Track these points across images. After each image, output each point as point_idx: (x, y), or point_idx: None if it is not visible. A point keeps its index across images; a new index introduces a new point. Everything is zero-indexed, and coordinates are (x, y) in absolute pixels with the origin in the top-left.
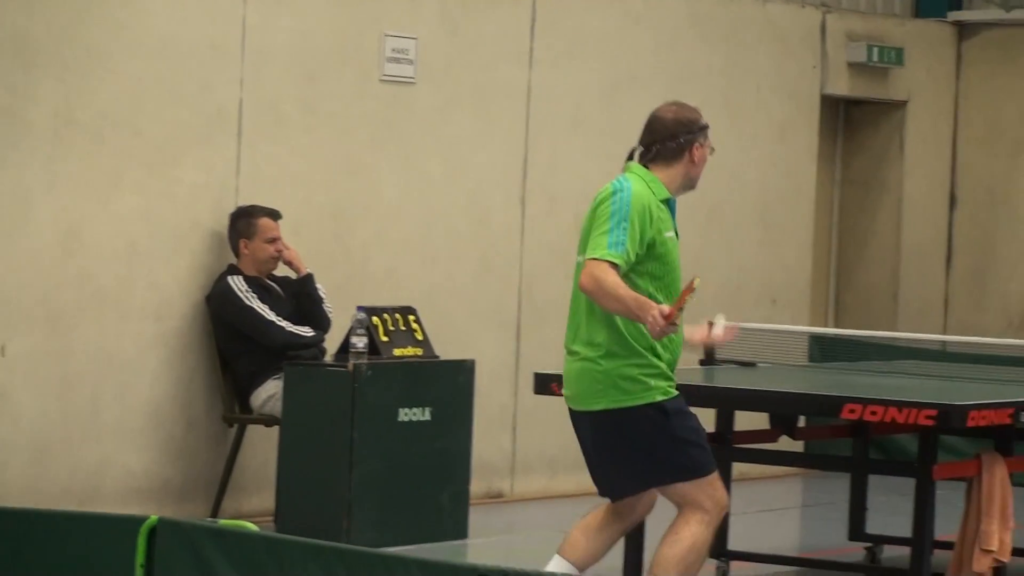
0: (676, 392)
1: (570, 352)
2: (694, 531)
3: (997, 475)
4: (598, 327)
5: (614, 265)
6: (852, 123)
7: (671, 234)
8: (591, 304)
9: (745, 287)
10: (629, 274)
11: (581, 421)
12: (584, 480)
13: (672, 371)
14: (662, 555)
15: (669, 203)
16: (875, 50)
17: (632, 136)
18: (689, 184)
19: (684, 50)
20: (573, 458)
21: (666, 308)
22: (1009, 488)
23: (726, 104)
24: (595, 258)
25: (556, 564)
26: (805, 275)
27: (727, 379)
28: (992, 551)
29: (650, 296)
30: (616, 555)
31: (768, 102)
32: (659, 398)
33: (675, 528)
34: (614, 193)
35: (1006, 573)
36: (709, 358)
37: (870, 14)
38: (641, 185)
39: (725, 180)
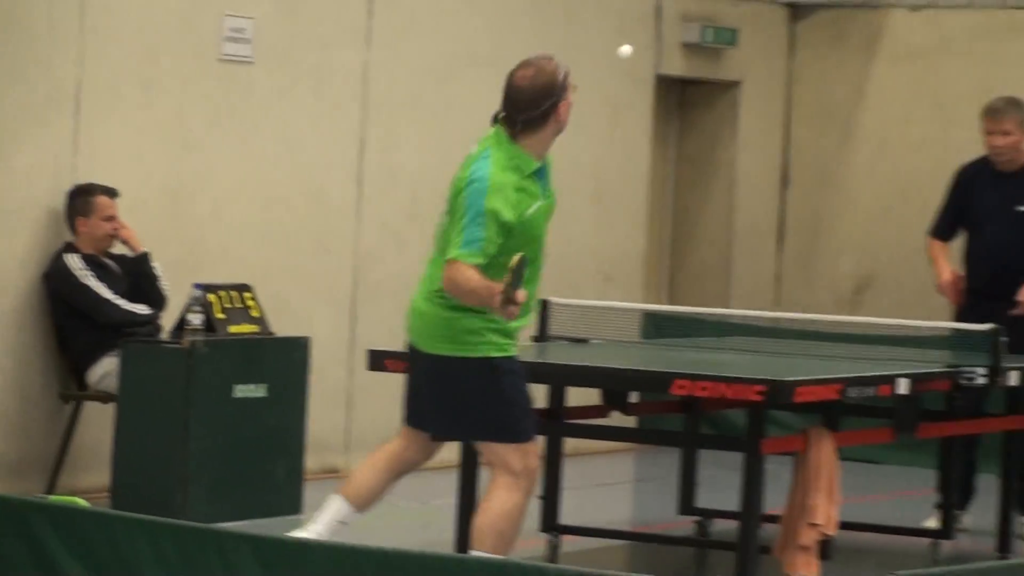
0: (514, 352)
1: (422, 294)
2: (504, 498)
3: (824, 450)
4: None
5: (471, 262)
6: (686, 103)
7: (536, 207)
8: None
9: (579, 264)
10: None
11: (418, 357)
12: None
13: (514, 334)
14: (476, 526)
15: (539, 171)
16: (709, 31)
17: (469, 115)
18: (558, 134)
19: (520, 30)
20: None
21: (496, 288)
22: (836, 463)
23: None
24: (451, 259)
25: (333, 504)
26: (639, 252)
27: (559, 355)
28: (819, 524)
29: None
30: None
31: (603, 82)
32: (494, 353)
33: (487, 497)
34: (470, 183)
35: (832, 546)
36: (542, 335)
37: None
38: (500, 168)
39: (559, 158)
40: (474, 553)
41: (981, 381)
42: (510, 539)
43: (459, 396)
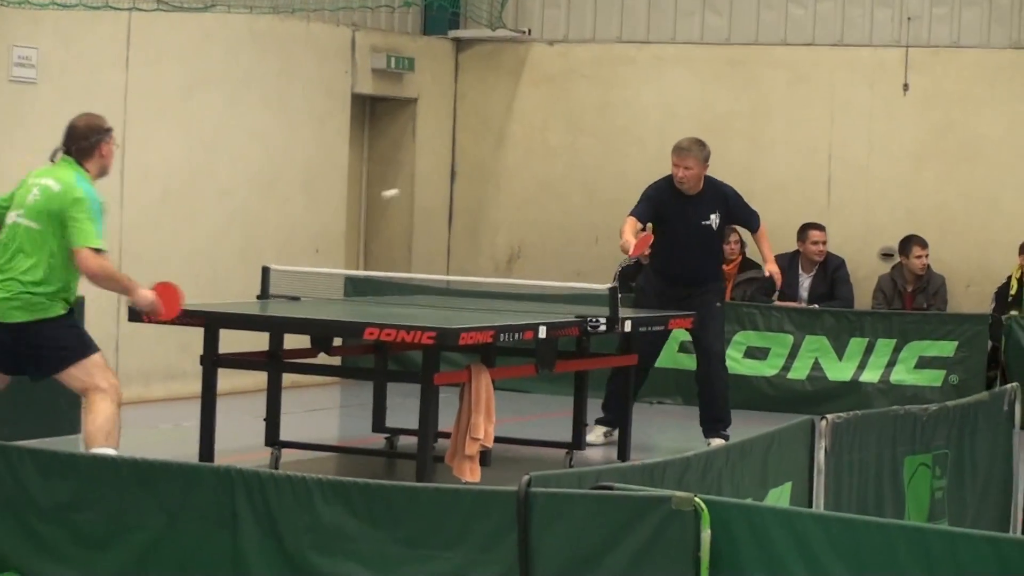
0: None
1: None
2: (101, 407)
3: (483, 381)
4: (35, 268)
5: (102, 251)
6: (376, 115)
7: None
8: (26, 248)
9: (294, 240)
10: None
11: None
12: (172, 388)
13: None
14: (87, 433)
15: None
16: (392, 59)
17: (206, 124)
18: (103, 172)
19: (246, 58)
20: (164, 371)
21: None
22: (492, 391)
23: (279, 100)
24: (96, 248)
25: None
26: (340, 230)
27: (278, 309)
28: (479, 439)
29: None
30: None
31: (311, 99)
32: (60, 312)
33: (87, 410)
34: (87, 194)
35: (490, 455)
36: (264, 294)
37: (389, 31)
38: (89, 182)
39: (278, 158)
40: (93, 450)
41: (603, 328)
42: (116, 436)
43: (41, 348)
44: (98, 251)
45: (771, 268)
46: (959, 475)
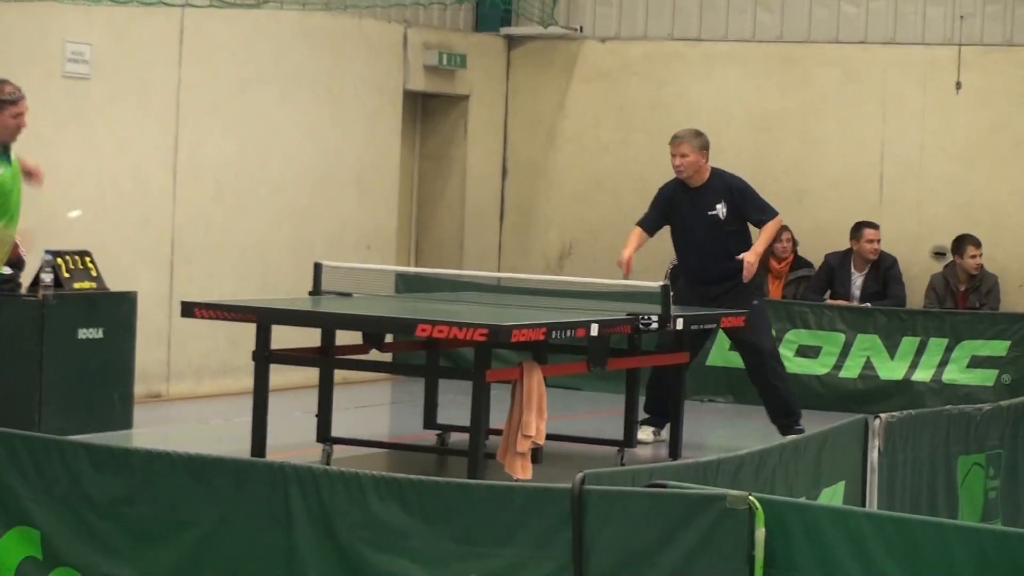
0: None
1: None
2: None
3: (535, 378)
4: None
5: None
6: (428, 112)
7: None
8: None
9: (345, 236)
10: None
11: None
12: (224, 383)
13: None
14: None
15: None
16: (444, 56)
17: (259, 119)
18: (9, 136)
19: (298, 54)
20: (216, 366)
21: None
22: (543, 388)
23: (330, 97)
24: None
25: None
26: (392, 227)
27: (329, 305)
28: (531, 436)
29: None
30: (246, 439)
31: (363, 95)
32: None
33: None
34: None
35: (542, 452)
36: (316, 290)
37: (441, 28)
38: None
39: (330, 155)
40: None
41: (655, 326)
42: None
43: None
44: None
45: (748, 256)
46: (1013, 475)
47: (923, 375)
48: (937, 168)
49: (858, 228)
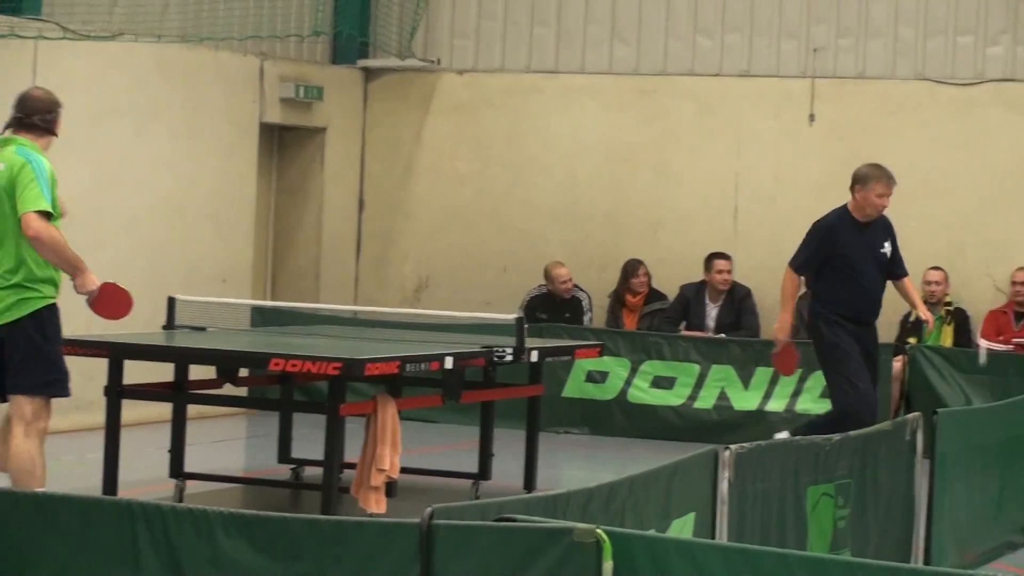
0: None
1: None
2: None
3: (389, 412)
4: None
5: (51, 215)
6: (284, 144)
7: None
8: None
9: (201, 270)
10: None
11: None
12: (77, 419)
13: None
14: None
15: None
16: (301, 88)
17: (115, 154)
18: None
19: (153, 87)
20: (68, 401)
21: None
22: (397, 421)
23: (187, 129)
24: (41, 210)
25: None
26: (248, 260)
27: (183, 340)
28: (385, 470)
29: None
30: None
31: (219, 128)
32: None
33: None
34: (30, 163)
35: (396, 486)
36: (170, 324)
37: (297, 60)
38: (41, 155)
39: (185, 188)
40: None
41: (509, 358)
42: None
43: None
44: (45, 215)
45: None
46: (862, 505)
47: (776, 405)
48: (791, 199)
49: (710, 259)
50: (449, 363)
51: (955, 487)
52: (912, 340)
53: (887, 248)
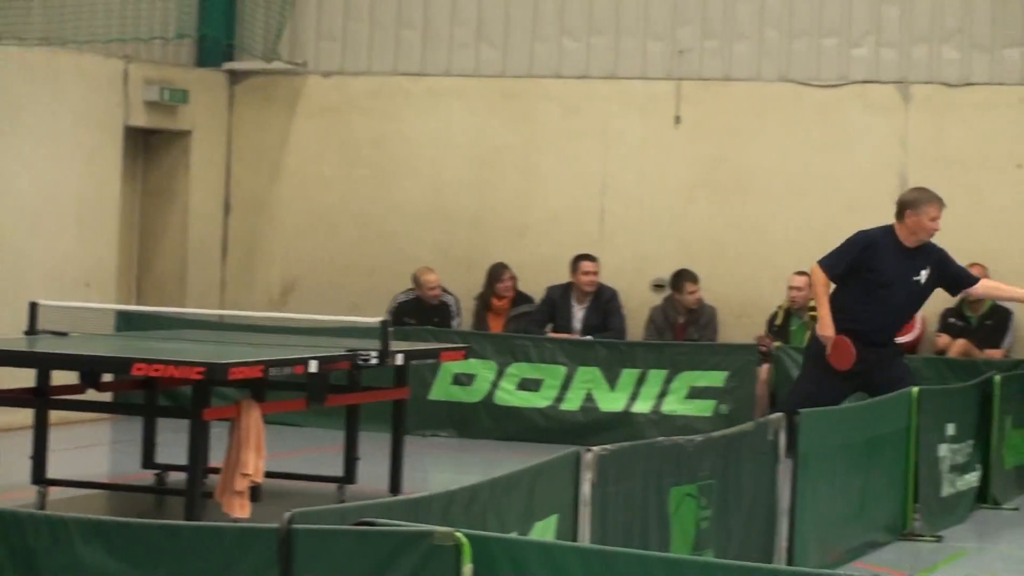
0: None
1: None
2: None
3: (253, 416)
4: None
5: None
6: (149, 148)
7: None
8: None
9: (64, 274)
10: None
11: None
12: None
13: None
14: None
15: None
16: (166, 91)
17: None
18: None
19: (15, 90)
20: None
21: None
22: (262, 426)
23: (49, 132)
24: None
25: None
26: (112, 264)
27: (45, 345)
28: (249, 474)
29: None
30: None
31: (82, 131)
32: None
33: None
34: None
35: (260, 490)
36: (32, 330)
37: (162, 63)
38: None
39: (47, 191)
40: None
41: (375, 361)
42: None
43: None
44: None
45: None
46: (724, 505)
47: (643, 406)
48: (657, 201)
49: (575, 261)
50: (313, 367)
51: (818, 487)
52: (777, 344)
53: (923, 275)
